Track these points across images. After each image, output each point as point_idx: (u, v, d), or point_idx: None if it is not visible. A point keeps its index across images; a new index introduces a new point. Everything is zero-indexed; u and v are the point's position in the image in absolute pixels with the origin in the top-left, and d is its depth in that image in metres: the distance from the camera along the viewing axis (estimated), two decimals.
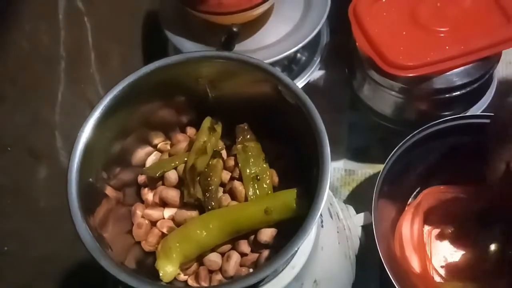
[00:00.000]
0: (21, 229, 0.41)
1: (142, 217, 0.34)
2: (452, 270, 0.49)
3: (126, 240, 0.33)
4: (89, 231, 0.26)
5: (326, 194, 0.26)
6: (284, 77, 0.30)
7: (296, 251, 0.25)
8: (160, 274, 0.30)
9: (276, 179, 0.34)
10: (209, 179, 0.33)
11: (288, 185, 0.33)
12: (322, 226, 0.37)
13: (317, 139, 0.28)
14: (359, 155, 0.60)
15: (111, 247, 0.28)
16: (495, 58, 0.49)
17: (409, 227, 0.50)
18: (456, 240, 0.50)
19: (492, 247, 0.47)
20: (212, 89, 0.35)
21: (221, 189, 0.35)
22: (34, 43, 0.42)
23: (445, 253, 0.50)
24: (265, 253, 0.31)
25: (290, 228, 0.30)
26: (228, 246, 0.33)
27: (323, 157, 0.27)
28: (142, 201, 0.35)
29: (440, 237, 0.51)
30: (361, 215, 0.48)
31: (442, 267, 0.50)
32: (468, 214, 0.50)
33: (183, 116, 0.38)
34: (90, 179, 0.30)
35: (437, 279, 0.48)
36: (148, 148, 0.37)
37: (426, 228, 0.51)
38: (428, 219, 0.51)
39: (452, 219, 0.51)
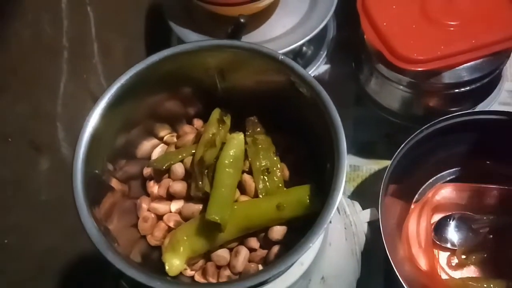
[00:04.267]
0: (22, 222, 0.41)
1: (148, 210, 0.33)
2: (459, 268, 0.49)
3: (131, 234, 0.32)
4: (95, 224, 0.26)
5: (342, 190, 0.25)
6: (299, 68, 0.29)
7: (309, 247, 0.24)
8: (166, 267, 0.30)
9: (286, 172, 0.33)
10: None
11: (299, 179, 0.32)
12: (330, 222, 0.36)
13: (333, 133, 0.27)
14: (365, 150, 0.59)
15: (117, 241, 0.27)
16: (505, 54, 0.49)
17: (416, 224, 0.49)
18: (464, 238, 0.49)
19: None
20: (221, 80, 0.34)
21: None
22: (36, 33, 0.41)
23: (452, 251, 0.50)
24: (275, 249, 0.30)
25: (301, 225, 0.30)
26: (237, 242, 0.32)
27: (339, 152, 0.26)
28: (147, 194, 0.35)
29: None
30: (368, 211, 0.48)
31: (448, 264, 0.49)
32: (475, 212, 0.49)
33: (190, 108, 0.37)
34: (96, 171, 0.29)
35: (444, 276, 0.48)
36: (154, 140, 0.36)
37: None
38: (435, 216, 0.51)
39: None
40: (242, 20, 0.43)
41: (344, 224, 0.42)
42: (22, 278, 0.41)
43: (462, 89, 0.49)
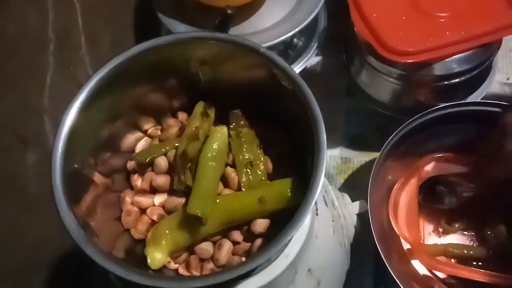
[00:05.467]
0: (11, 216, 0.41)
1: (132, 204, 0.33)
2: (444, 235, 0.50)
3: (114, 227, 0.32)
4: (74, 219, 0.26)
5: (321, 184, 0.25)
6: (280, 60, 0.29)
7: (290, 240, 0.24)
8: (148, 261, 0.30)
9: (270, 165, 0.33)
10: None
11: (283, 172, 0.32)
12: (317, 215, 0.37)
13: (313, 126, 0.27)
14: (356, 142, 0.59)
15: (97, 235, 0.27)
16: (495, 45, 0.48)
17: (405, 195, 0.49)
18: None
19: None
20: (205, 72, 0.34)
21: None
22: (21, 25, 0.41)
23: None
24: (258, 242, 0.30)
25: (284, 218, 0.30)
26: (220, 235, 0.32)
27: (319, 145, 0.26)
28: (131, 187, 0.35)
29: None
30: (357, 203, 0.48)
31: (435, 232, 0.50)
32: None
33: (175, 101, 0.37)
34: (76, 165, 0.29)
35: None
36: (138, 134, 0.36)
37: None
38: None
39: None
40: (229, 12, 0.43)
41: (332, 216, 0.42)
42: (12, 271, 0.41)
43: (453, 81, 0.48)
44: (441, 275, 0.47)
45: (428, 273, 0.47)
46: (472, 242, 0.49)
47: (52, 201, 0.28)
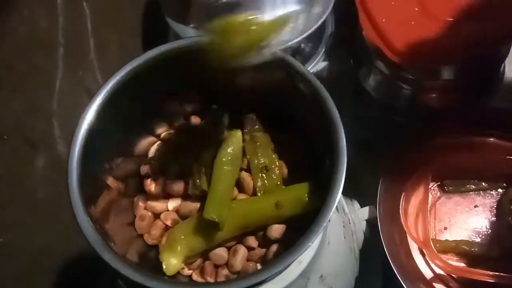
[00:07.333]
0: (18, 220, 0.41)
1: (145, 209, 0.33)
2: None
3: (128, 232, 0.32)
4: (91, 223, 0.25)
5: (342, 188, 0.25)
6: (298, 64, 0.29)
7: (309, 246, 0.24)
8: (163, 267, 0.29)
9: (285, 170, 0.33)
10: None
11: (298, 177, 0.32)
12: (329, 220, 0.36)
13: (332, 130, 0.27)
14: (363, 147, 0.59)
15: (114, 240, 0.27)
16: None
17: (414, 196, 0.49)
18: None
19: None
20: (219, 76, 0.33)
21: None
22: (31, 29, 0.41)
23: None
24: (274, 247, 0.30)
25: (299, 223, 0.29)
26: (235, 240, 0.32)
27: (339, 149, 0.26)
28: (144, 192, 0.34)
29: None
30: (366, 209, 0.48)
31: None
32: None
33: (188, 105, 0.36)
34: (91, 169, 0.28)
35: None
36: (151, 138, 0.36)
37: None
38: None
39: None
40: None
41: (343, 222, 0.41)
42: (17, 276, 0.41)
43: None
44: (450, 281, 0.47)
45: (437, 280, 0.47)
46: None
47: (63, 205, 0.27)
